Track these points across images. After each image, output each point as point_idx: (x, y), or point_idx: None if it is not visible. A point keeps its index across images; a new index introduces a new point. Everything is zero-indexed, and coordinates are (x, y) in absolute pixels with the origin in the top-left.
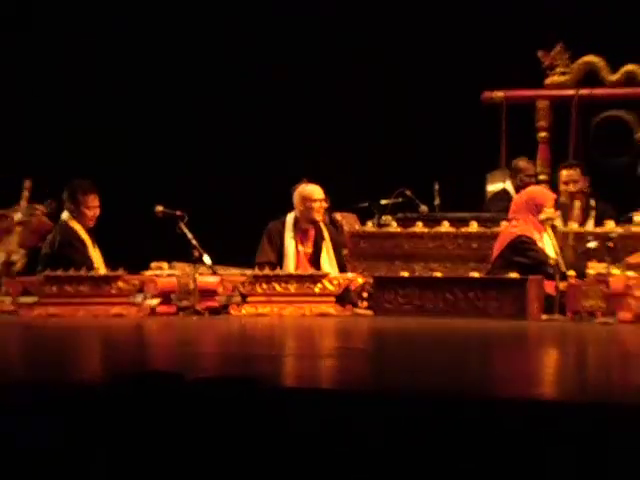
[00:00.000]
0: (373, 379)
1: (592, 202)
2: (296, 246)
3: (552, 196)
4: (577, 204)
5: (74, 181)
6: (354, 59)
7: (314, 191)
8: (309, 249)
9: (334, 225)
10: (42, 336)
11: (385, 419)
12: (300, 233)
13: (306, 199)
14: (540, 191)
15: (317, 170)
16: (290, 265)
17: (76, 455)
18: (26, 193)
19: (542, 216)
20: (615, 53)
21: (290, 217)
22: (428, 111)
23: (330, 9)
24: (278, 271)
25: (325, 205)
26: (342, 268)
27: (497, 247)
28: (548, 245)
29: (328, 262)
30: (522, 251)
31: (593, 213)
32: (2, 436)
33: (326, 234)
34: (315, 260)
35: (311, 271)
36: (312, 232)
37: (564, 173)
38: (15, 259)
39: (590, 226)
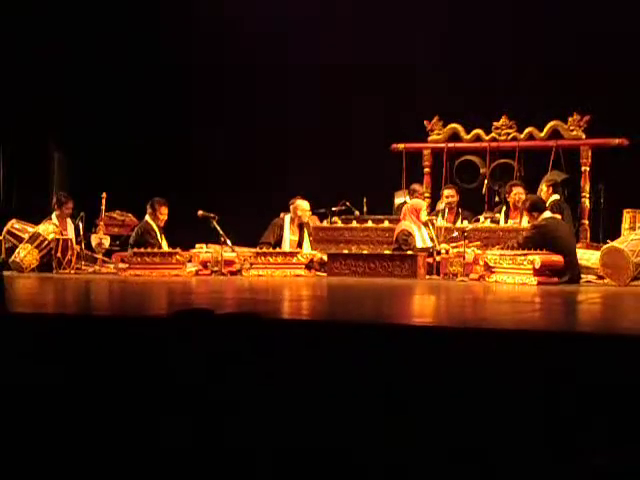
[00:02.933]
0: (327, 313)
1: (460, 210)
2: (290, 236)
3: (424, 204)
4: (452, 210)
5: (154, 197)
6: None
7: (304, 205)
8: (296, 238)
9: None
10: (130, 287)
11: (334, 339)
12: (293, 228)
13: (298, 209)
14: (418, 202)
15: (298, 187)
16: (286, 247)
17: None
18: (103, 202)
19: (423, 218)
20: (469, 121)
21: (287, 217)
22: (358, 154)
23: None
24: (271, 249)
25: (309, 213)
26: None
27: (394, 235)
28: (426, 233)
29: (306, 246)
30: (402, 241)
31: (461, 216)
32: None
33: (306, 229)
34: (300, 244)
35: (290, 249)
36: (299, 228)
37: (446, 192)
38: (105, 242)
39: (458, 224)
